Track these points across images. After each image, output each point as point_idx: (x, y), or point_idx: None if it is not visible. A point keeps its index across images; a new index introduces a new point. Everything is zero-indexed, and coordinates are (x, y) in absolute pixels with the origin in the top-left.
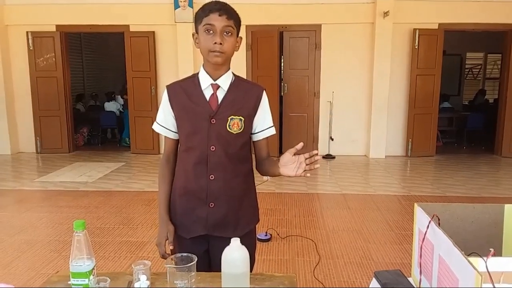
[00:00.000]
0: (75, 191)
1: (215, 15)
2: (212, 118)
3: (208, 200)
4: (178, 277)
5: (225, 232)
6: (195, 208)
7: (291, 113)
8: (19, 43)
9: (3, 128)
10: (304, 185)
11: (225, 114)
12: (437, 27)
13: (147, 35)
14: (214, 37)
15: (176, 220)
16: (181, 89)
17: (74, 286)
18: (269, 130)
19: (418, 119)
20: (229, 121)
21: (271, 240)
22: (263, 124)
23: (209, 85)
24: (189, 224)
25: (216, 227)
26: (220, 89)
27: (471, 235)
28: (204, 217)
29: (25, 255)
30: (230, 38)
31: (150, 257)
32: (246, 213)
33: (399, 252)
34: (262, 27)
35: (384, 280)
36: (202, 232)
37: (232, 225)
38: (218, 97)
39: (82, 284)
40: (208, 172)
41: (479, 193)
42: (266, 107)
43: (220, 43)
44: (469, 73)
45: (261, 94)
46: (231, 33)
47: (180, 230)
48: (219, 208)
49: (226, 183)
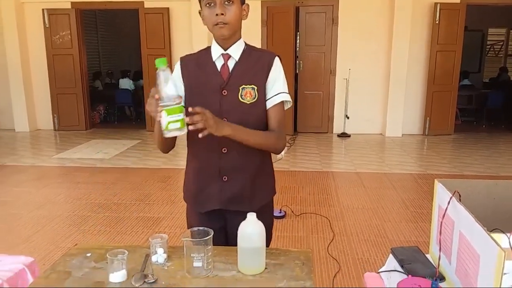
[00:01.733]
0: (92, 168)
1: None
2: (223, 90)
3: (221, 174)
4: (194, 250)
5: (241, 206)
6: (209, 183)
7: (306, 91)
8: (35, 20)
9: (21, 105)
10: (318, 164)
11: (236, 84)
12: (459, 1)
13: (161, 11)
14: (215, 9)
15: (191, 196)
16: (193, 60)
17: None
18: (277, 96)
19: (437, 97)
20: (241, 91)
21: (285, 217)
22: (271, 90)
23: (220, 55)
24: (204, 199)
25: (231, 201)
26: (231, 59)
27: (493, 211)
28: (218, 191)
29: (44, 229)
30: (232, 7)
31: (166, 232)
32: (261, 185)
33: (414, 230)
34: (278, 2)
35: (401, 256)
36: (216, 207)
37: (247, 199)
38: (229, 67)
39: (178, 119)
40: (220, 145)
41: (497, 172)
42: (277, 73)
43: (222, 13)
44: (491, 50)
45: (272, 60)
46: (232, 1)
47: (195, 205)
48: (233, 182)
49: (239, 156)
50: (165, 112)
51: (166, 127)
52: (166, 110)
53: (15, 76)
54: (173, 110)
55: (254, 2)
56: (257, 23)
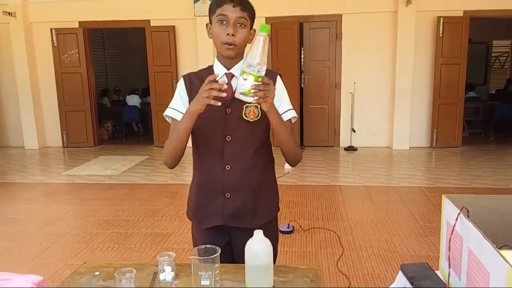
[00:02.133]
0: (101, 184)
1: (229, 6)
2: (227, 108)
3: (224, 191)
4: (202, 268)
5: (242, 222)
6: (211, 199)
7: (311, 105)
8: (43, 40)
9: (31, 123)
10: (326, 177)
11: (240, 103)
12: (462, 15)
13: (167, 29)
14: (227, 28)
15: (194, 212)
16: (197, 78)
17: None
18: (287, 113)
19: (443, 109)
20: (245, 109)
21: (293, 232)
22: (278, 109)
23: (223, 74)
24: (205, 215)
25: (233, 218)
26: (235, 78)
27: (502, 227)
28: (220, 208)
29: (53, 246)
30: (243, 30)
31: (174, 248)
32: (264, 202)
33: (424, 244)
34: (282, 19)
35: (411, 274)
36: (218, 223)
37: (249, 215)
38: (232, 85)
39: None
40: (224, 163)
41: (507, 185)
42: (282, 91)
43: (233, 34)
44: (496, 62)
45: (275, 79)
46: (244, 24)
47: (197, 221)
48: (235, 199)
49: (242, 173)
50: (253, 77)
51: (248, 90)
52: (254, 75)
53: (24, 94)
54: (257, 77)
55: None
56: None
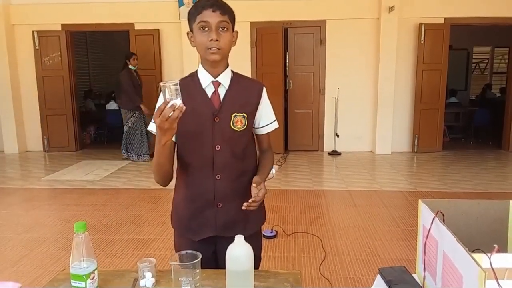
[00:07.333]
0: (82, 189)
1: (209, 11)
2: (215, 117)
3: (216, 201)
4: (183, 274)
5: (234, 232)
6: (203, 210)
7: (296, 110)
8: (25, 42)
9: (11, 127)
10: (309, 182)
11: (228, 112)
12: (443, 22)
13: (152, 33)
14: (210, 34)
15: (184, 223)
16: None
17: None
18: (272, 124)
19: (425, 115)
20: (233, 118)
21: (276, 237)
22: (266, 119)
23: (210, 83)
24: (198, 226)
25: (225, 228)
26: (221, 86)
27: (476, 231)
28: (213, 218)
29: (33, 253)
30: (226, 34)
31: (156, 254)
32: (255, 211)
33: (405, 248)
34: (267, 24)
35: (388, 277)
36: (211, 234)
37: (241, 225)
38: (219, 94)
39: (79, 287)
40: (214, 172)
41: (486, 189)
42: (267, 102)
43: (216, 39)
44: (476, 68)
45: (261, 90)
46: (227, 28)
47: (189, 233)
48: (227, 208)
49: (233, 182)
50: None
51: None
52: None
53: (5, 97)
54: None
55: (243, 24)
56: (247, 44)
